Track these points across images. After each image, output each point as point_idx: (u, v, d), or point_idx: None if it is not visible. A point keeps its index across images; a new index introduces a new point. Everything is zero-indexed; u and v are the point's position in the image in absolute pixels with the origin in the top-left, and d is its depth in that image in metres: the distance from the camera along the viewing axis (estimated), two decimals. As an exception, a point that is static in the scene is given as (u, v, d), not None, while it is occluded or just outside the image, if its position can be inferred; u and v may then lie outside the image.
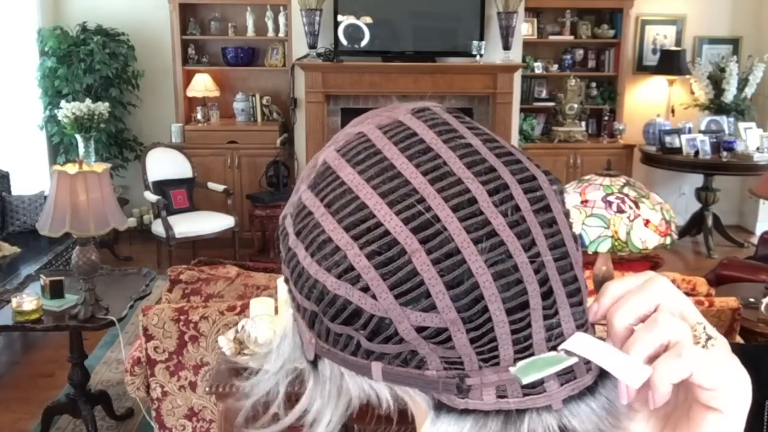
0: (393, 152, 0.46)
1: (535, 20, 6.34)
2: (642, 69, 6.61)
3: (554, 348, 0.45)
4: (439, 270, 0.42)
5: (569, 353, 0.45)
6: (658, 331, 0.44)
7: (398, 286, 0.43)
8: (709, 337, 0.46)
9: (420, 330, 0.43)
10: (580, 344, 0.45)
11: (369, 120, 0.49)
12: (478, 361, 0.44)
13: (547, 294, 0.44)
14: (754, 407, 0.73)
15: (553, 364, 0.44)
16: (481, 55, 5.61)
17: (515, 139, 6.02)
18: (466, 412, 0.45)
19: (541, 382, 0.44)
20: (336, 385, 0.50)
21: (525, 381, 0.44)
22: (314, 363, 0.51)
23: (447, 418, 0.46)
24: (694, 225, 6.22)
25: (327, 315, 0.46)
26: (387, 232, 0.43)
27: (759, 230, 6.35)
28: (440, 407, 0.46)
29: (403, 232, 0.43)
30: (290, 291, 0.50)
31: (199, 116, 6.03)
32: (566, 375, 0.45)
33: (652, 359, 0.44)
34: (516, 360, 0.44)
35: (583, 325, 0.46)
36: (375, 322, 0.44)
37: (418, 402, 0.48)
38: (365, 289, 0.43)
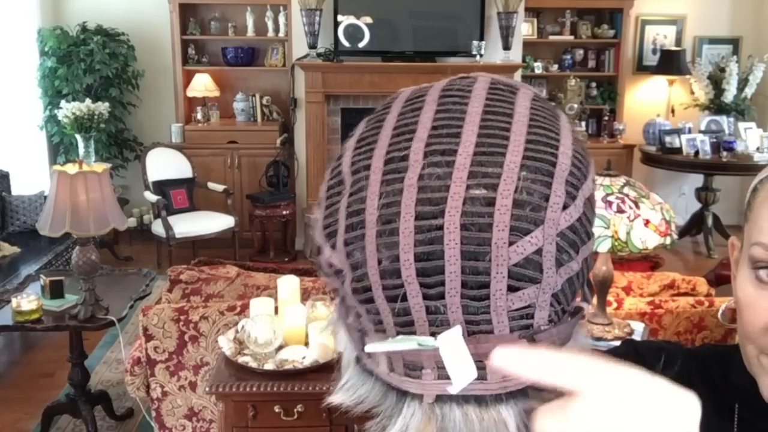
0: (397, 105, 0.47)
1: (535, 20, 6.34)
2: (642, 69, 6.61)
3: (434, 334, 0.41)
4: (347, 213, 0.44)
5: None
6: None
7: (326, 218, 0.46)
8: None
9: (329, 265, 0.45)
10: (449, 338, 0.41)
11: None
12: (371, 323, 0.44)
13: (430, 272, 0.40)
14: (725, 410, 0.73)
15: (402, 342, 0.41)
16: (481, 55, 5.61)
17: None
18: (373, 376, 0.45)
19: (420, 368, 0.42)
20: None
21: (366, 349, 0.43)
22: None
23: (362, 376, 0.47)
24: (694, 225, 6.22)
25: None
26: (340, 171, 0.46)
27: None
28: (358, 360, 0.47)
29: (347, 172, 0.45)
30: None
31: (199, 116, 6.02)
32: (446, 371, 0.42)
33: None
34: (398, 334, 0.42)
35: (477, 323, 0.41)
36: (316, 246, 0.47)
37: (348, 350, 0.49)
38: (319, 213, 0.47)
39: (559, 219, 0.41)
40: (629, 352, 0.82)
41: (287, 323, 2.35)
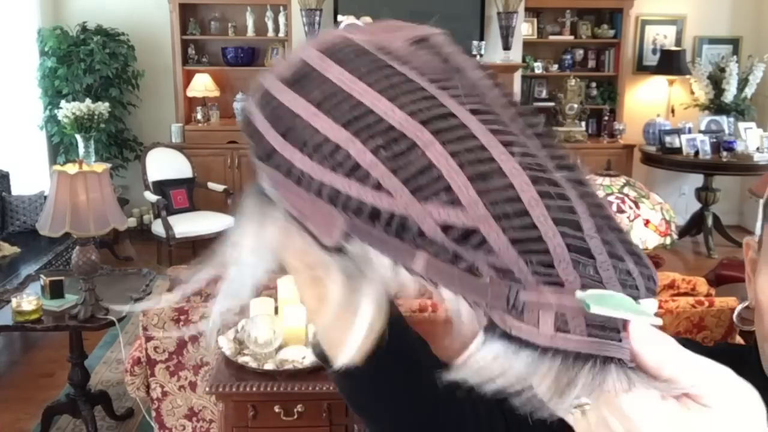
0: (394, 56, 0.42)
1: (535, 20, 6.35)
2: (642, 69, 6.61)
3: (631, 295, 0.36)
4: (460, 163, 0.37)
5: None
6: None
7: (413, 181, 0.38)
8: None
9: (446, 229, 0.37)
10: (651, 308, 0.36)
11: (359, 30, 0.46)
12: (531, 274, 0.36)
13: (602, 229, 0.37)
14: None
15: (632, 310, 0.35)
16: (481, 55, 5.62)
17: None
18: (518, 342, 0.36)
19: (617, 329, 0.36)
20: (362, 268, 0.43)
21: (595, 310, 0.35)
22: (338, 249, 0.43)
23: (497, 345, 0.37)
24: (694, 225, 6.22)
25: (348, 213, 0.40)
26: (391, 127, 0.38)
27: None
28: (491, 329, 0.38)
29: (411, 125, 0.38)
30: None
31: (199, 116, 6.03)
32: None
33: None
34: (583, 287, 0.36)
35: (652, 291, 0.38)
36: (397, 221, 0.38)
37: (465, 320, 0.40)
38: (377, 187, 0.38)
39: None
40: None
41: (287, 323, 2.35)
